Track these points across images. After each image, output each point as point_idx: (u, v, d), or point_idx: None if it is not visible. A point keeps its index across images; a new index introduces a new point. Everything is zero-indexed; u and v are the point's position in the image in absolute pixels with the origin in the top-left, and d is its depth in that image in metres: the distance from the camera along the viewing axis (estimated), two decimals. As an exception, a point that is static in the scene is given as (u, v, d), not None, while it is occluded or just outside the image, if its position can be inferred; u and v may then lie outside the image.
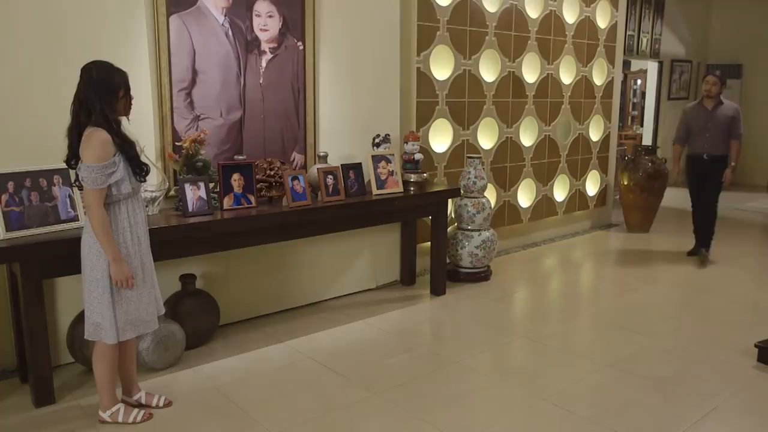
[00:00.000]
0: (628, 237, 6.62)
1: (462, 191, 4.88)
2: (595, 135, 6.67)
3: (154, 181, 3.45)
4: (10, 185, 2.87)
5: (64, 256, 2.86)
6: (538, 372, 3.37)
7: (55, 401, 2.98)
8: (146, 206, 3.34)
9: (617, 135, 7.27)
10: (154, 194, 3.39)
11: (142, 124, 3.42)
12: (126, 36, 3.34)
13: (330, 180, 3.94)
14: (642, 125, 10.18)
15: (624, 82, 10.47)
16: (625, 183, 6.70)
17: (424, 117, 4.99)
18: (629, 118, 11.19)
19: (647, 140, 9.78)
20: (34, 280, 2.84)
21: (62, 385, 3.14)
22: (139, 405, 2.90)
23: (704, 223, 5.65)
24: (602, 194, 6.93)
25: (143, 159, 3.15)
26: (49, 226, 2.95)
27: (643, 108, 10.40)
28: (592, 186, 6.77)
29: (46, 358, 2.93)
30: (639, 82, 11.02)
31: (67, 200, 3.02)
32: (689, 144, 5.58)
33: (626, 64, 10.02)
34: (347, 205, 3.95)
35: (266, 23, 3.82)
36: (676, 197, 7.97)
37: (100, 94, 2.46)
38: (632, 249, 6.11)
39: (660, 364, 3.47)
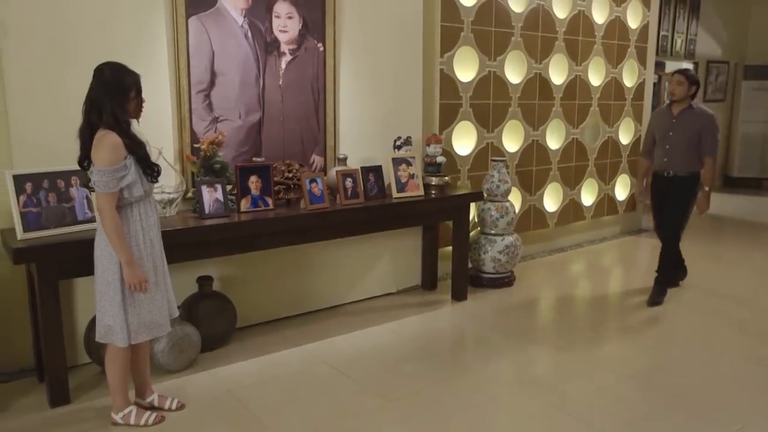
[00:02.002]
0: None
1: (485, 195, 4.79)
2: (625, 138, 6.50)
3: (172, 182, 3.46)
4: (28, 186, 2.89)
5: (81, 257, 2.85)
6: (559, 383, 3.27)
7: (71, 401, 2.99)
8: (163, 208, 3.35)
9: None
10: (171, 196, 3.39)
11: (160, 125, 3.44)
12: (145, 38, 3.35)
13: (349, 183, 3.90)
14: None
15: (658, 84, 10.22)
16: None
17: (448, 119, 4.91)
18: (663, 120, 10.90)
19: (681, 143, 9.50)
20: (51, 281, 2.85)
21: (79, 386, 3.15)
22: (152, 407, 2.89)
23: (662, 258, 4.57)
24: (632, 199, 6.75)
25: (160, 161, 3.17)
26: (66, 227, 2.97)
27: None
28: (621, 190, 6.60)
29: (61, 358, 2.94)
30: (673, 83, 10.73)
31: (84, 201, 3.04)
32: (654, 157, 4.59)
33: (660, 66, 9.77)
34: (366, 209, 3.90)
35: (286, 24, 3.80)
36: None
37: (112, 94, 2.46)
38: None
39: (685, 377, 3.33)
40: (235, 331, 3.76)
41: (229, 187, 3.54)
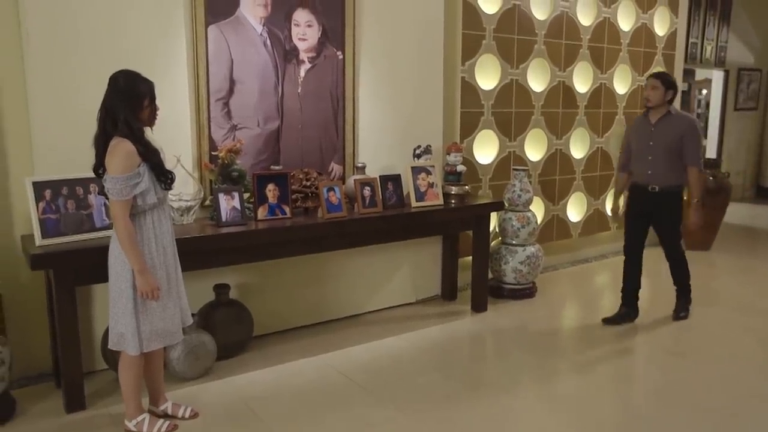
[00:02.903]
0: (688, 255, 6.21)
1: (506, 204, 4.72)
2: (652, 147, 6.36)
3: (190, 190, 3.47)
4: (48, 193, 2.92)
5: (98, 263, 2.85)
6: (581, 398, 3.18)
7: (86, 407, 3.00)
8: (181, 215, 3.36)
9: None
10: (189, 203, 3.40)
11: (179, 133, 3.46)
12: (165, 46, 3.37)
13: (367, 191, 3.86)
14: (706, 137, 9.70)
15: (688, 92, 10.02)
16: (685, 198, 6.33)
17: (469, 128, 4.86)
18: (693, 129, 10.66)
19: (711, 153, 9.29)
20: (67, 287, 2.87)
21: (95, 392, 3.16)
22: (166, 415, 2.88)
23: (675, 277, 4.35)
24: (659, 209, 6.59)
25: (178, 168, 3.18)
26: (83, 234, 2.99)
27: (707, 119, 9.91)
28: (648, 200, 6.45)
29: (77, 364, 2.95)
30: (704, 92, 10.51)
31: (102, 208, 3.05)
32: (633, 170, 4.21)
33: (689, 74, 9.58)
34: (384, 218, 3.86)
35: (305, 32, 3.79)
36: (740, 213, 7.53)
37: (126, 102, 2.46)
38: (691, 268, 5.76)
39: (714, 395, 3.21)
40: (252, 339, 3.75)
41: (246, 195, 3.54)
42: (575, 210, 5.77)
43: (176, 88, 3.42)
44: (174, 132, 3.41)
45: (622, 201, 4.50)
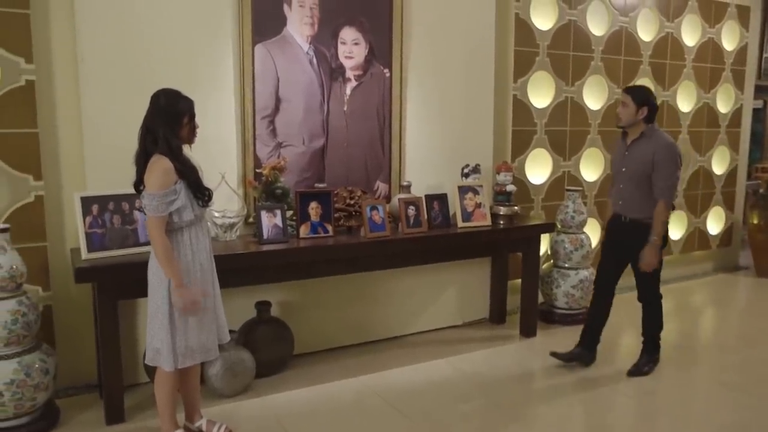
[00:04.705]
0: (758, 283, 5.89)
1: (559, 226, 4.56)
2: (719, 168, 6.03)
3: (234, 207, 3.50)
4: (95, 208, 2.99)
5: (140, 278, 2.87)
6: (630, 434, 2.99)
7: (125, 420, 3.04)
8: (224, 232, 3.39)
9: (750, 168, 6.55)
10: (232, 220, 3.42)
11: (224, 150, 3.50)
12: (212, 65, 3.43)
13: (411, 211, 3.80)
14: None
15: (762, 110, 9.49)
16: (755, 222, 5.98)
17: (521, 146, 4.73)
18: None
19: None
20: (110, 301, 2.93)
21: (136, 405, 3.20)
22: (200, 432, 2.88)
23: (643, 324, 3.74)
24: (727, 233, 6.24)
25: (222, 185, 3.22)
26: (127, 249, 3.05)
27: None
28: (714, 224, 6.11)
29: (118, 377, 3.00)
30: (780, 109, 9.93)
31: (145, 224, 3.10)
32: (611, 198, 3.72)
33: (763, 90, 9.07)
34: (428, 238, 3.78)
35: (352, 51, 3.79)
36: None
37: (165, 120, 2.50)
38: (761, 297, 5.41)
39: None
40: (293, 357, 3.72)
41: (290, 213, 3.54)
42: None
43: (222, 107, 3.47)
44: (220, 149, 3.46)
45: None
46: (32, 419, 2.89)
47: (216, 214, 3.36)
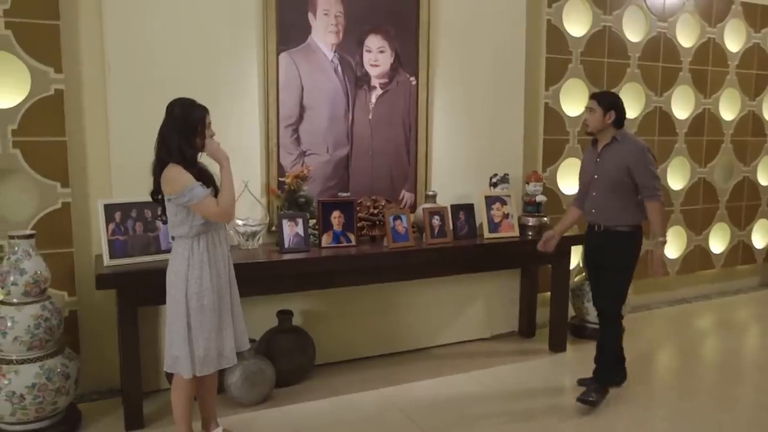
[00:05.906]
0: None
1: (591, 238, 4.41)
2: (765, 178, 5.77)
3: (257, 215, 3.49)
4: (117, 215, 3.03)
5: (161, 285, 2.89)
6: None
7: (144, 426, 3.06)
8: (246, 240, 3.38)
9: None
10: (254, 229, 3.42)
11: (248, 159, 3.50)
12: (236, 74, 3.44)
13: (436, 221, 3.73)
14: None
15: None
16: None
17: (552, 156, 4.61)
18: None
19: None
20: (130, 307, 2.95)
21: (156, 411, 3.22)
22: (215, 441, 2.87)
23: (599, 344, 3.50)
24: (775, 247, 5.96)
25: (245, 194, 3.21)
26: (149, 256, 3.07)
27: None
28: (760, 237, 5.85)
29: (137, 384, 3.02)
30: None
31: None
32: (585, 209, 3.51)
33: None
34: (453, 249, 3.71)
35: (377, 58, 3.76)
36: None
37: (179, 129, 2.51)
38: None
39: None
40: (314, 367, 3.69)
41: (313, 222, 3.51)
42: (672, 245, 5.30)
43: (246, 115, 3.47)
44: (243, 157, 3.45)
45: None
46: (53, 423, 2.93)
47: (239, 222, 3.37)
